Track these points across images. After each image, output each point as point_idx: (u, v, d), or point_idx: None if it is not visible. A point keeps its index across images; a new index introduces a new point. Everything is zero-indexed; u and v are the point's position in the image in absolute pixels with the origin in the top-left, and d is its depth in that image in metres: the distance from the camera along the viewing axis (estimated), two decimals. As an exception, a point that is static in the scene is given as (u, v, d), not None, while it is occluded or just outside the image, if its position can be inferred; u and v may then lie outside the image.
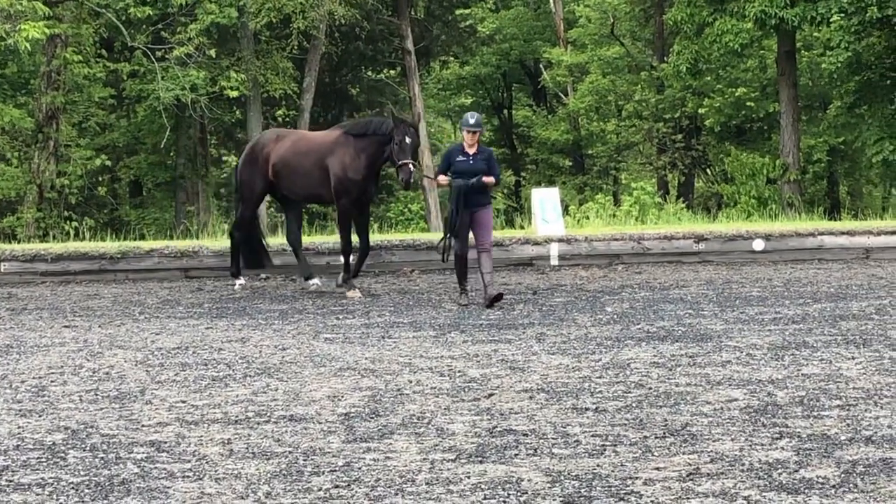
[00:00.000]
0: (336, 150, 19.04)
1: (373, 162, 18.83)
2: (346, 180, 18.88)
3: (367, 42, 48.36)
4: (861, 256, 24.43)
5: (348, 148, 18.91)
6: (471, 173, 17.12)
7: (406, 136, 18.13)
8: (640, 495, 7.10)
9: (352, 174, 18.85)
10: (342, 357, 12.86)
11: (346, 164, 18.88)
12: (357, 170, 18.81)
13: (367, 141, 18.74)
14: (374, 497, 7.18)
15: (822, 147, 43.48)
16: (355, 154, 18.80)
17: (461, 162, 17.26)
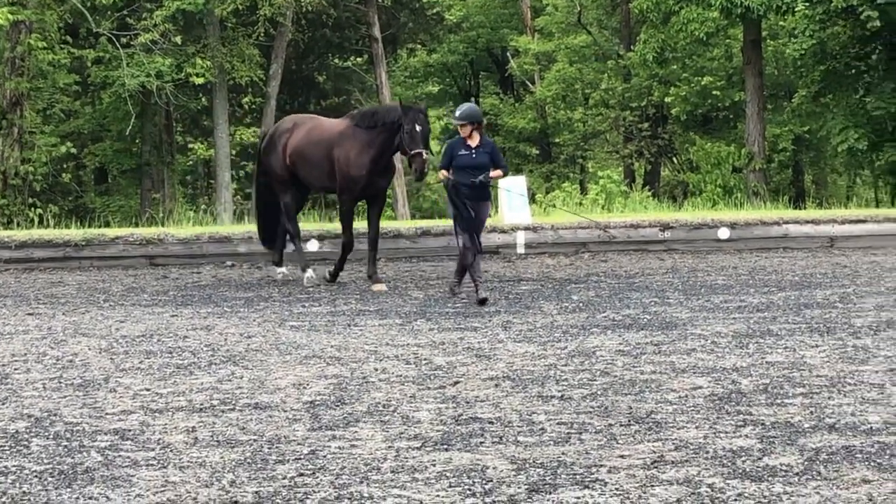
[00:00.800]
0: (343, 142, 18.27)
1: (381, 155, 17.98)
2: (348, 176, 18.19)
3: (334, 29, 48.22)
4: (825, 245, 24.54)
5: (354, 142, 18.11)
6: (473, 167, 16.43)
7: (416, 124, 17.28)
8: (604, 483, 7.11)
9: (354, 171, 18.08)
10: (308, 345, 12.84)
11: (349, 159, 18.09)
12: (360, 166, 18.00)
13: (375, 133, 17.87)
14: (338, 485, 7.17)
15: (788, 136, 43.60)
16: (360, 149, 17.99)
17: (463, 156, 16.53)
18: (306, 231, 23.96)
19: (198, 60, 40.08)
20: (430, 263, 22.50)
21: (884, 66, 37.50)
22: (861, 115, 37.06)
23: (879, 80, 37.20)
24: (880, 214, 26.20)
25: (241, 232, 24.25)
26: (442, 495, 6.93)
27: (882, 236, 24.84)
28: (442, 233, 23.89)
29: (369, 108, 19.12)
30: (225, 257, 23.37)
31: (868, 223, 25.14)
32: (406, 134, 17.26)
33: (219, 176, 42.68)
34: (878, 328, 13.16)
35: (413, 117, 17.29)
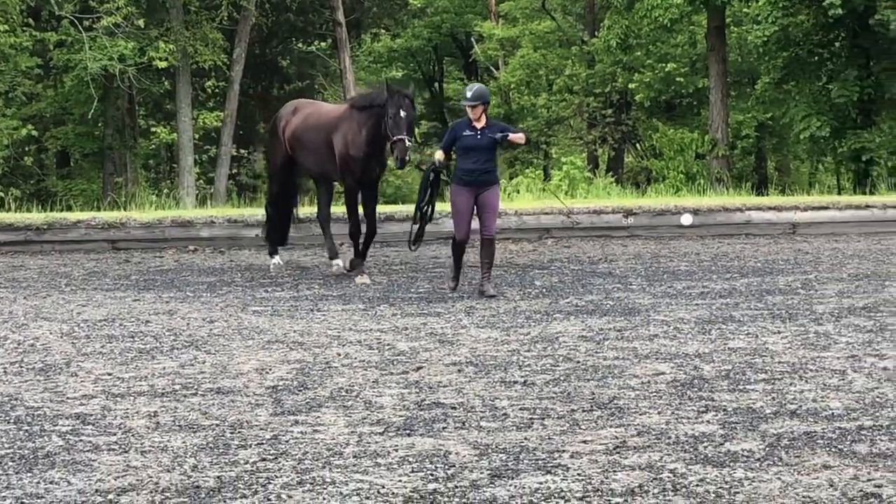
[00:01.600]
0: (340, 125, 17.46)
1: (373, 137, 17.01)
2: (347, 158, 17.26)
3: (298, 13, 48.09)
4: (788, 231, 24.62)
5: (352, 123, 17.27)
6: (479, 149, 15.31)
7: (401, 109, 16.35)
8: (566, 468, 7.12)
9: (353, 151, 17.17)
10: (270, 330, 12.82)
11: (348, 140, 17.24)
12: (358, 146, 17.12)
13: (368, 114, 17.01)
14: (301, 470, 7.16)
15: (751, 123, 43.72)
16: (357, 129, 17.14)
17: (468, 136, 15.38)
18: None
19: (161, 44, 39.90)
20: (394, 249, 22.47)
21: (846, 53, 37.67)
22: (824, 102, 37.21)
23: (842, 67, 37.35)
24: (842, 201, 26.30)
25: (204, 216, 24.18)
26: (404, 480, 6.92)
27: (844, 223, 24.94)
28: (405, 218, 23.84)
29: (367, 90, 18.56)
30: (187, 241, 23.28)
31: (830, 210, 25.23)
32: (390, 118, 16.41)
33: (181, 160, 42.53)
34: (839, 315, 13.22)
35: (398, 102, 16.44)
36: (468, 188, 15.36)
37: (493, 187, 15.50)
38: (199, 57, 41.72)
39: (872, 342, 11.40)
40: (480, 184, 15.37)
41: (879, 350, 10.97)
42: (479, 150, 15.33)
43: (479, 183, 15.36)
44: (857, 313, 13.30)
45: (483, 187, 15.38)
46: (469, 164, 15.36)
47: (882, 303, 14.12)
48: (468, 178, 15.35)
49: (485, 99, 15.55)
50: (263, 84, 50.39)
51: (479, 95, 15.49)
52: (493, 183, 15.52)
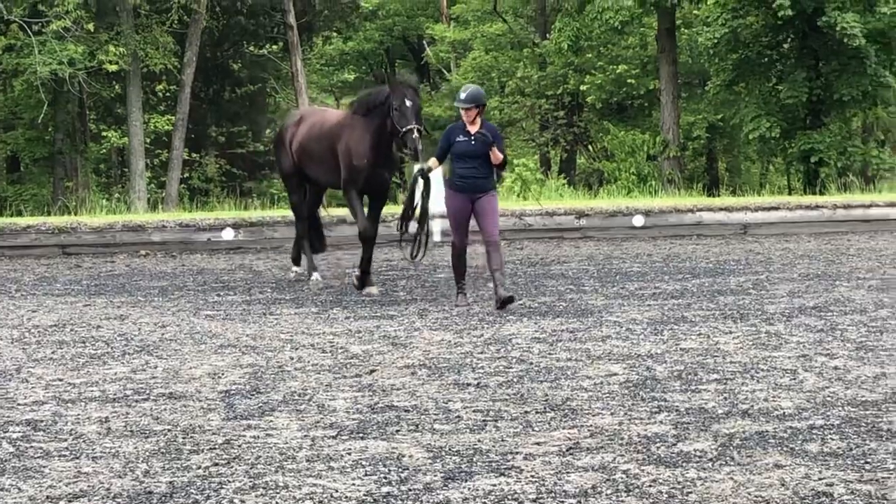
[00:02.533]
0: (343, 133, 16.50)
1: (379, 142, 15.96)
2: (350, 167, 16.26)
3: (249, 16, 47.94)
4: (739, 232, 24.76)
5: (354, 130, 16.29)
6: (472, 155, 14.38)
7: (405, 99, 15.41)
8: (520, 470, 7.12)
9: (356, 160, 16.17)
10: (223, 334, 12.77)
11: (350, 148, 16.25)
12: (360, 154, 16.12)
13: (371, 119, 15.99)
14: (253, 475, 7.13)
15: (702, 124, 43.93)
16: (360, 136, 16.15)
17: (461, 142, 14.46)
18: (220, 220, 23.87)
19: (111, 48, 39.69)
20: (346, 251, 22.44)
21: (795, 54, 37.92)
22: (773, 103, 37.44)
23: (791, 68, 37.60)
24: (792, 202, 26.48)
25: (156, 220, 24.08)
26: (357, 484, 6.91)
27: (794, 223, 25.12)
28: (358, 221, 23.82)
29: (364, 93, 17.28)
30: (139, 246, 23.19)
31: (781, 210, 25.40)
32: (395, 111, 15.42)
33: (133, 164, 42.32)
34: (790, 314, 13.30)
35: (402, 92, 15.49)
36: (464, 194, 14.50)
37: (489, 194, 14.56)
38: (149, 60, 41.53)
39: (823, 342, 11.47)
40: (476, 190, 14.50)
41: (830, 349, 11.04)
42: (473, 156, 14.42)
43: (474, 189, 14.49)
44: (807, 313, 13.38)
45: (479, 193, 14.51)
46: (463, 170, 14.51)
47: (832, 302, 14.21)
48: (463, 184, 14.49)
49: (480, 101, 14.59)
50: (215, 87, 50.19)
51: (473, 98, 14.56)
52: (488, 189, 14.58)
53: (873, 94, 36.62)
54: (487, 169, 14.49)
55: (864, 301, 14.29)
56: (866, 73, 35.85)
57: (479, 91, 14.82)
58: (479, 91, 14.83)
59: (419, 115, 15.58)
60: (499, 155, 14.35)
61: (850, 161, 37.27)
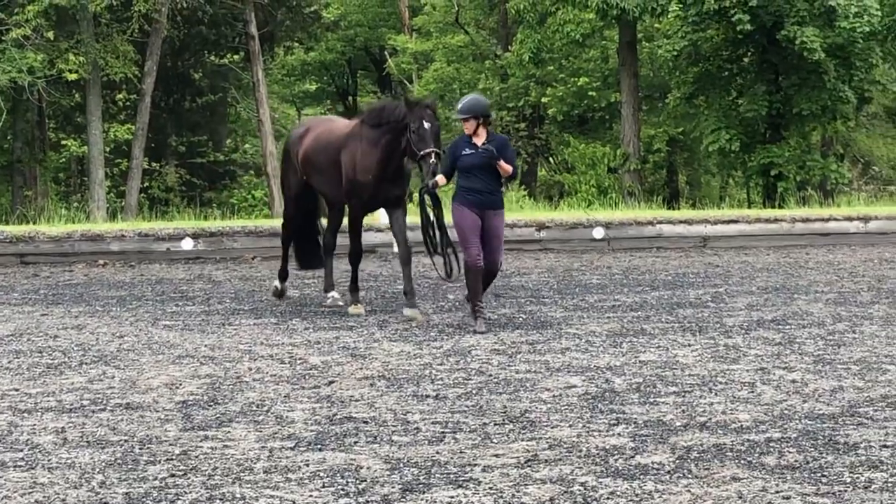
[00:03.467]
0: (349, 143, 15.36)
1: (388, 158, 14.89)
2: (354, 181, 15.18)
3: (210, 26, 47.81)
4: (698, 245, 24.83)
5: (361, 142, 15.17)
6: (480, 168, 13.46)
7: (423, 121, 14.34)
8: (478, 482, 7.11)
9: (360, 175, 15.07)
10: (181, 344, 12.72)
11: (356, 161, 15.15)
12: (366, 168, 15.01)
13: (381, 132, 14.90)
14: (210, 486, 7.10)
15: (662, 137, 44.10)
16: (368, 149, 15.05)
17: (467, 156, 13.56)
18: (179, 229, 23.76)
19: (71, 56, 39.55)
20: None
21: (755, 68, 38.11)
22: (733, 116, 37.61)
23: (751, 82, 37.79)
24: (752, 215, 26.58)
25: (115, 230, 23.97)
26: (315, 495, 6.89)
27: (753, 236, 25.22)
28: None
29: (377, 104, 16.33)
30: (97, 256, 23.07)
31: (740, 223, 25.49)
32: (413, 133, 14.35)
33: (92, 173, 42.13)
34: (748, 327, 13.34)
35: (419, 114, 14.43)
36: (473, 209, 13.54)
37: (498, 212, 13.69)
38: (109, 69, 41.37)
39: (781, 355, 11.51)
40: (485, 206, 13.57)
41: (788, 363, 11.08)
42: (479, 169, 13.50)
43: (483, 205, 13.56)
44: (766, 326, 13.43)
45: (487, 210, 13.58)
46: (470, 184, 13.58)
47: (790, 316, 14.27)
48: (472, 198, 13.56)
49: (478, 111, 13.66)
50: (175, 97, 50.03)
51: (469, 108, 13.67)
52: (498, 206, 13.68)
53: (832, 109, 36.83)
54: (495, 183, 13.65)
55: (822, 314, 14.36)
56: (826, 87, 36.05)
57: (477, 100, 14.00)
58: (479, 100, 14.02)
59: (438, 137, 14.53)
60: (507, 167, 13.50)
61: (809, 175, 37.47)
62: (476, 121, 13.63)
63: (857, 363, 11.00)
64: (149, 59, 42.99)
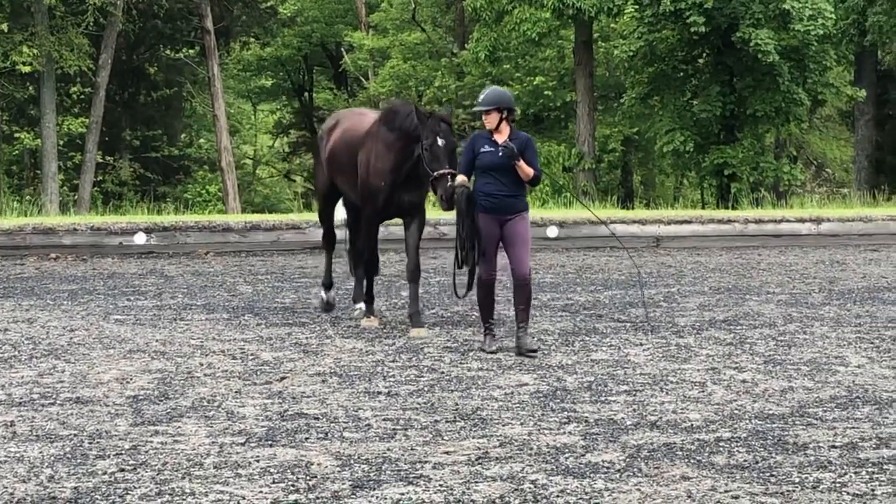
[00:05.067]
0: (367, 142, 13.97)
1: (401, 164, 13.49)
2: (367, 184, 13.81)
3: (166, 20, 47.64)
4: (652, 245, 24.92)
5: (377, 143, 13.77)
6: (500, 168, 11.96)
7: (438, 137, 12.90)
8: (428, 479, 7.11)
9: (374, 178, 13.69)
10: (132, 339, 12.66)
11: (370, 163, 13.78)
12: (380, 172, 13.62)
13: (395, 136, 13.52)
14: (160, 481, 7.07)
15: (617, 137, 44.25)
16: (384, 151, 13.64)
17: (486, 153, 12.05)
18: (132, 224, 23.64)
19: (24, 48, 39.30)
20: (259, 258, 22.35)
21: (710, 69, 38.31)
22: (688, 117, 37.78)
23: (706, 83, 37.97)
24: (705, 216, 26.71)
25: (67, 224, 23.84)
26: (265, 491, 6.87)
27: (706, 237, 25.34)
28: (272, 227, 23.75)
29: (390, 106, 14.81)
30: (49, 249, 22.94)
31: (693, 224, 25.61)
32: (426, 150, 12.92)
33: (45, 166, 41.90)
34: (700, 327, 13.40)
35: (433, 128, 12.98)
36: (490, 215, 12.07)
37: (520, 215, 12.22)
38: (64, 62, 41.14)
39: (732, 355, 11.57)
40: (505, 210, 12.11)
41: (738, 363, 11.14)
42: (500, 169, 11.99)
43: (502, 209, 12.10)
44: (717, 326, 13.49)
45: (508, 215, 12.12)
46: (489, 186, 12.06)
47: (742, 316, 14.33)
48: (489, 203, 12.04)
49: (502, 104, 12.17)
50: (130, 91, 49.83)
51: (493, 100, 12.21)
52: (520, 210, 12.22)
53: (786, 111, 37.06)
54: (517, 185, 12.12)
55: (774, 315, 14.43)
56: (779, 89, 36.27)
57: (501, 93, 12.44)
58: (502, 93, 12.45)
59: (453, 154, 13.04)
60: (528, 170, 12.00)
61: (762, 176, 37.69)
62: (499, 114, 12.14)
63: (807, 364, 11.06)
64: (103, 52, 42.79)
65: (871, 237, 25.83)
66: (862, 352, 11.77)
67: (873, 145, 44.87)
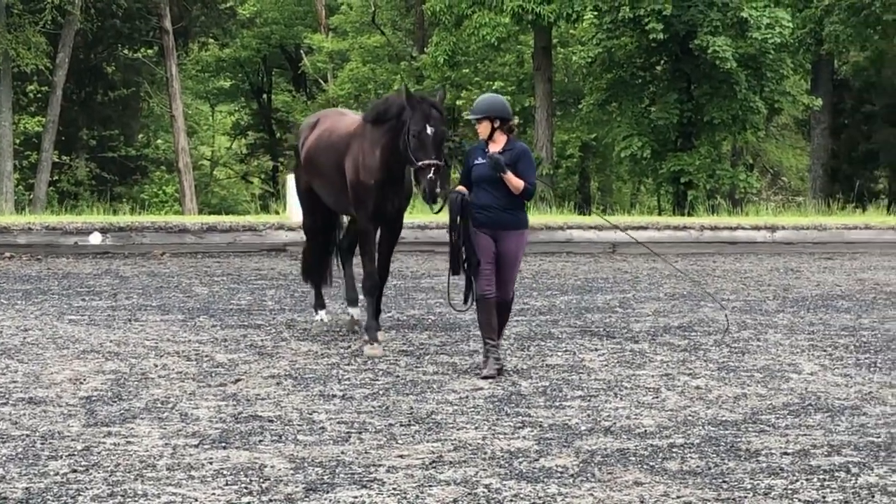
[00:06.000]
0: (353, 144, 12.94)
1: (388, 161, 12.49)
2: (357, 186, 12.73)
3: (125, 19, 47.41)
4: (608, 250, 24.98)
5: (363, 142, 12.78)
6: (489, 182, 11.26)
7: (427, 125, 11.89)
8: (382, 483, 7.12)
9: (364, 176, 12.65)
10: (86, 339, 12.61)
11: (358, 163, 12.76)
12: (370, 170, 12.59)
13: (383, 130, 12.53)
14: (112, 482, 7.05)
15: (575, 142, 44.35)
16: (370, 149, 12.66)
17: (479, 165, 11.35)
18: (88, 223, 23.51)
19: (-19, 46, 39.06)
20: (216, 259, 22.28)
21: (668, 76, 38.44)
22: (645, 123, 37.88)
23: (664, 90, 38.10)
24: (661, 222, 26.78)
25: (22, 223, 23.69)
26: (218, 493, 6.86)
27: (662, 243, 25.38)
28: (229, 228, 23.68)
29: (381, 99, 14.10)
30: (3, 248, 22.78)
31: (649, 230, 25.67)
32: (412, 137, 11.91)
33: (0, 165, 41.63)
34: (655, 333, 13.45)
35: (423, 116, 11.95)
36: (485, 229, 11.38)
37: (516, 233, 11.50)
38: (21, 60, 40.89)
39: (686, 361, 11.61)
40: (500, 225, 11.37)
41: (692, 369, 11.18)
42: (492, 181, 11.28)
43: (497, 224, 11.37)
44: (672, 332, 13.55)
45: (503, 230, 11.39)
46: (483, 199, 11.37)
47: (696, 322, 14.39)
48: (483, 216, 11.37)
49: (493, 112, 11.38)
50: (87, 90, 49.57)
51: (483, 108, 11.44)
52: (516, 227, 11.50)
53: (743, 119, 37.20)
54: (512, 199, 11.37)
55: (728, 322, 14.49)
56: (737, 97, 36.42)
57: (493, 100, 11.63)
58: (494, 100, 11.64)
59: (440, 144, 12.12)
60: (517, 182, 11.24)
61: (718, 184, 37.84)
62: (490, 123, 11.36)
63: (760, 371, 11.12)
64: (61, 50, 42.58)
65: (825, 245, 25.96)
66: (815, 359, 11.84)
67: (829, 154, 45.14)
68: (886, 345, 12.82)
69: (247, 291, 17.23)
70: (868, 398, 9.93)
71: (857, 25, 39.47)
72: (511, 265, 11.41)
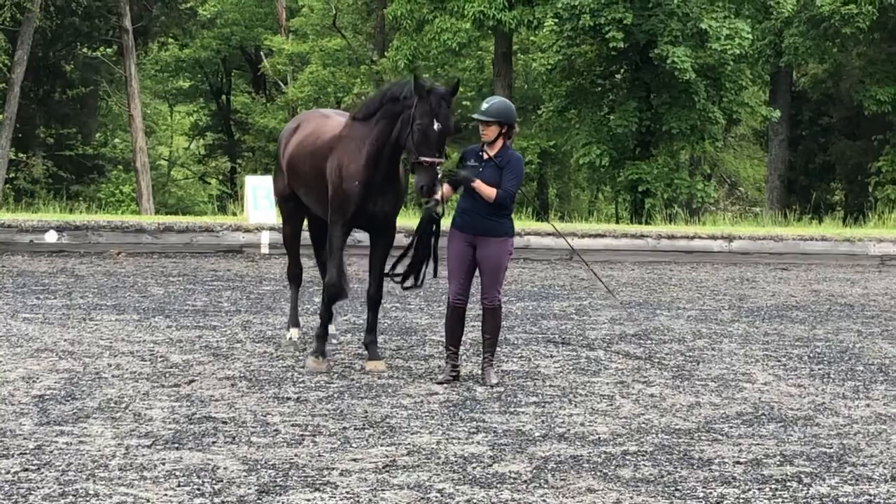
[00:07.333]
0: (337, 146, 11.96)
1: (377, 154, 11.67)
2: (338, 191, 11.80)
3: (84, 18, 47.18)
4: (565, 258, 25.02)
5: (349, 142, 11.85)
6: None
7: (436, 120, 11.18)
8: (335, 486, 7.11)
9: (346, 182, 11.73)
10: (40, 338, 12.53)
11: (342, 165, 11.79)
12: (354, 173, 11.70)
13: (372, 123, 11.70)
14: (64, 482, 7.01)
15: (534, 149, 44.40)
16: (356, 149, 11.73)
17: (471, 167, 11.26)
18: (43, 221, 23.37)
19: (-62, 42, 38.80)
20: (172, 260, 22.18)
21: (628, 85, 38.55)
22: (604, 131, 37.98)
23: (623, 98, 38.21)
24: (618, 230, 26.84)
25: None
26: (170, 494, 6.83)
27: (619, 251, 25.46)
28: (185, 229, 23.59)
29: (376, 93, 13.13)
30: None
31: (607, 237, 25.72)
32: (417, 130, 11.18)
33: (-44, 162, 41.39)
34: (610, 341, 13.48)
35: (432, 109, 11.21)
36: (463, 234, 11.22)
37: (497, 240, 11.11)
38: (-22, 57, 40.68)
39: (641, 369, 11.65)
40: (478, 231, 11.13)
41: (647, 377, 11.22)
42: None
43: (475, 229, 11.14)
44: (627, 340, 13.58)
45: (482, 237, 11.11)
46: (465, 202, 11.29)
47: (652, 331, 14.43)
48: (461, 220, 11.27)
49: (506, 120, 11.09)
50: (45, 88, 49.29)
51: (496, 111, 11.12)
52: (496, 234, 11.11)
53: (701, 129, 37.36)
54: (494, 206, 11.08)
55: (683, 330, 14.55)
56: (695, 107, 36.57)
57: (507, 107, 11.26)
58: (509, 108, 11.27)
59: (443, 142, 11.43)
60: (487, 191, 10.98)
61: (676, 193, 37.97)
62: (499, 128, 11.10)
63: (714, 380, 11.17)
64: (19, 48, 42.34)
65: (781, 256, 26.08)
66: (769, 369, 11.90)
67: (786, 165, 45.39)
68: (840, 356, 12.90)
69: (203, 292, 17.17)
70: (821, 409, 9.98)
71: (816, 38, 39.73)
72: (492, 271, 11.09)
